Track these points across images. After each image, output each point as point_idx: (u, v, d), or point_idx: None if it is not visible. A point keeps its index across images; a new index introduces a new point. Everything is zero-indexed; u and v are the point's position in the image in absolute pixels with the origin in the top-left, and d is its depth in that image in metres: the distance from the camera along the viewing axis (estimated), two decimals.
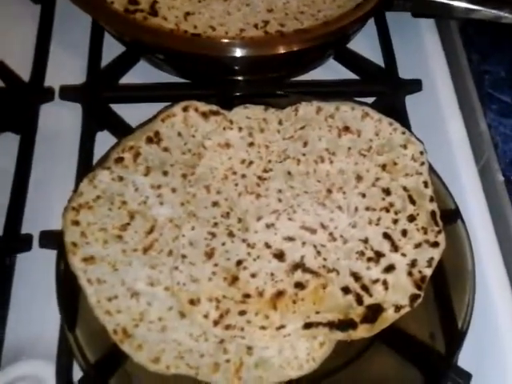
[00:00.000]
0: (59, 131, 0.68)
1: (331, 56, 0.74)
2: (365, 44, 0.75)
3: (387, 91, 0.71)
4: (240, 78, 0.70)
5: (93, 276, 0.52)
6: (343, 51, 0.74)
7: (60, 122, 0.69)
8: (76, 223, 0.54)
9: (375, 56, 0.74)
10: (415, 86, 0.71)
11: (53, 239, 0.57)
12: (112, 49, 0.72)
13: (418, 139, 0.61)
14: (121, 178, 0.57)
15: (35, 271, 0.59)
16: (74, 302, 0.53)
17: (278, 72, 0.72)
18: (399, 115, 0.67)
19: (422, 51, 0.76)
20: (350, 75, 0.74)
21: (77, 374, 0.52)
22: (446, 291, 0.56)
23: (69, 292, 0.53)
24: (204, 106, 0.62)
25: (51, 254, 0.56)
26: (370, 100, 0.70)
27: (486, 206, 0.61)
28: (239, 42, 0.66)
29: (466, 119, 0.68)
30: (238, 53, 0.64)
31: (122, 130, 0.65)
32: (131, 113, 0.67)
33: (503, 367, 0.54)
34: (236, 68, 0.70)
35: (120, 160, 0.58)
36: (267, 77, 0.71)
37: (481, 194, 0.62)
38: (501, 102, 0.67)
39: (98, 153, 0.63)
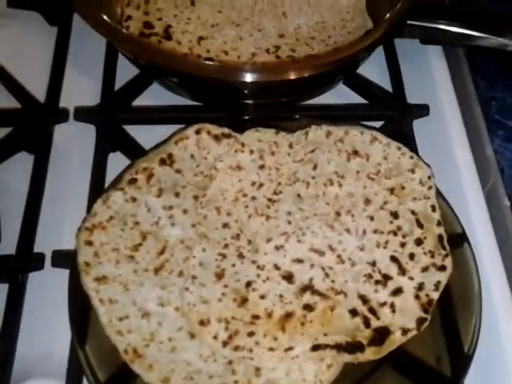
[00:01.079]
0: (73, 151, 0.70)
1: (341, 81, 0.75)
2: (373, 69, 0.76)
3: (395, 115, 0.72)
4: (251, 101, 0.72)
5: (105, 296, 0.52)
6: (352, 76, 0.75)
7: (74, 143, 0.70)
8: (89, 243, 0.55)
9: (383, 81, 0.75)
10: (422, 110, 0.73)
11: (65, 258, 0.58)
12: (126, 71, 0.74)
13: (425, 163, 0.62)
14: (134, 199, 0.58)
15: (47, 290, 0.59)
16: (85, 320, 0.53)
17: (288, 96, 0.74)
18: (407, 139, 0.68)
19: (430, 77, 0.78)
20: (359, 99, 0.75)
21: None
22: (452, 315, 0.56)
23: (80, 310, 0.54)
24: (216, 129, 0.63)
25: (63, 273, 0.57)
26: (378, 124, 0.71)
27: (492, 231, 0.62)
28: (250, 67, 0.68)
29: (473, 144, 0.69)
30: (249, 78, 0.66)
31: (134, 151, 0.67)
32: (144, 134, 0.68)
33: None
34: (247, 92, 0.71)
35: (133, 181, 0.59)
36: (277, 101, 0.73)
37: (487, 219, 0.63)
38: (507, 127, 0.68)
39: (110, 173, 0.64)
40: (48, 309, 0.58)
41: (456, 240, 0.59)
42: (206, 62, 0.69)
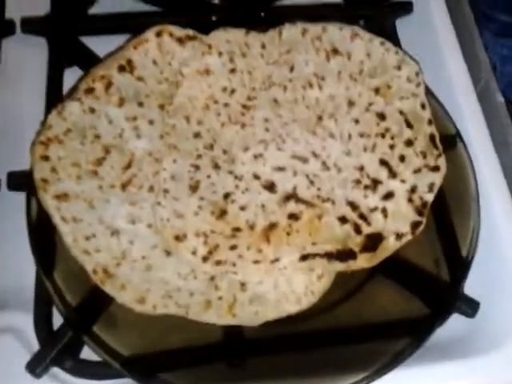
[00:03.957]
0: (23, 68, 0.62)
1: None
2: None
3: (374, 14, 0.66)
4: (216, 1, 0.65)
5: (67, 214, 0.47)
6: None
7: (24, 59, 0.63)
8: (46, 158, 0.49)
9: None
10: (405, 7, 0.67)
11: (22, 180, 0.52)
12: None
13: (412, 59, 0.57)
14: (92, 110, 0.52)
15: (6, 217, 0.53)
16: (49, 244, 0.48)
17: None
18: (390, 41, 0.62)
19: None
20: None
21: (58, 322, 0.47)
22: (448, 218, 0.53)
23: (43, 234, 0.49)
24: (179, 31, 0.56)
25: (22, 198, 0.51)
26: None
27: (487, 129, 0.58)
28: None
29: (462, 41, 0.63)
30: None
31: (94, 64, 0.59)
32: (103, 46, 0.60)
33: (511, 294, 0.51)
34: None
35: (90, 90, 0.53)
36: (246, 2, 0.66)
37: (481, 117, 0.58)
38: (498, 21, 0.63)
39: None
40: (9, 237, 0.53)
41: (449, 140, 0.55)
42: None
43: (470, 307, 0.49)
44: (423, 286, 0.50)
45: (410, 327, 0.48)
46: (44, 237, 0.48)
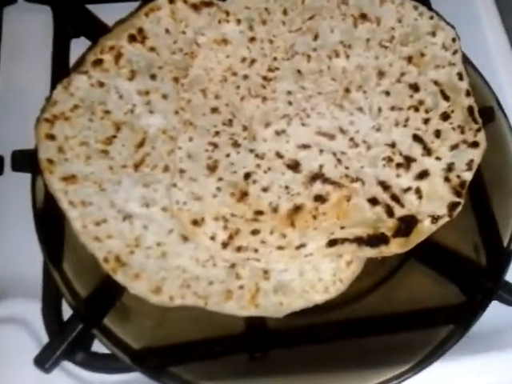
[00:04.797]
0: (27, 39, 0.59)
1: None
2: None
3: None
4: None
5: (76, 198, 0.44)
6: None
7: (27, 29, 0.59)
8: (51, 137, 0.46)
9: None
10: None
11: (28, 160, 0.48)
12: None
13: (448, 24, 0.52)
14: (101, 84, 0.48)
15: (11, 200, 0.51)
16: (57, 231, 0.45)
17: None
18: (420, 1, 0.57)
19: None
20: None
21: (68, 310, 0.44)
22: (486, 198, 0.49)
23: (50, 220, 0.46)
24: None
25: (28, 179, 0.48)
26: None
27: None
28: None
29: (499, 0, 0.58)
30: None
31: (101, 34, 0.55)
32: (112, 15, 0.57)
33: None
34: None
35: (99, 62, 0.49)
36: None
37: None
38: None
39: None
40: (14, 221, 0.50)
41: (488, 112, 0.51)
42: None
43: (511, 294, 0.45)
44: (461, 272, 0.46)
45: (450, 315, 0.45)
46: (51, 223, 0.45)
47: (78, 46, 0.56)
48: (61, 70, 0.55)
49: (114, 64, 0.49)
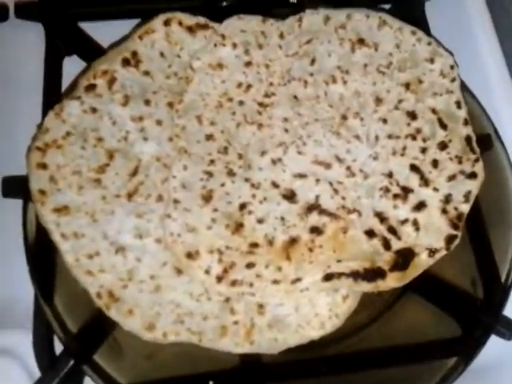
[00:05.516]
0: (18, 57, 0.58)
1: None
2: None
3: None
4: None
5: (68, 229, 0.43)
6: None
7: (18, 47, 0.58)
8: (43, 166, 0.45)
9: None
10: None
11: (18, 186, 0.48)
12: None
13: (446, 50, 0.51)
14: (94, 110, 0.48)
15: (1, 226, 0.49)
16: (49, 263, 0.44)
17: None
18: (417, 26, 0.56)
19: None
20: None
21: (59, 344, 0.44)
22: (483, 231, 0.48)
23: (41, 252, 0.45)
24: (189, 19, 0.52)
25: (19, 205, 0.47)
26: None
27: None
28: None
29: (499, 26, 0.58)
30: None
31: (94, 53, 0.54)
32: (105, 33, 0.56)
33: None
34: None
35: (92, 87, 0.48)
36: None
37: None
38: None
39: (66, 83, 0.53)
40: (4, 248, 0.49)
41: (486, 140, 0.51)
42: None
43: (509, 329, 0.45)
44: (459, 306, 0.46)
45: (448, 349, 0.45)
46: (43, 256, 0.44)
47: (70, 65, 0.56)
48: (53, 90, 0.54)
49: (108, 89, 0.48)
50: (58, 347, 0.44)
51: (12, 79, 0.56)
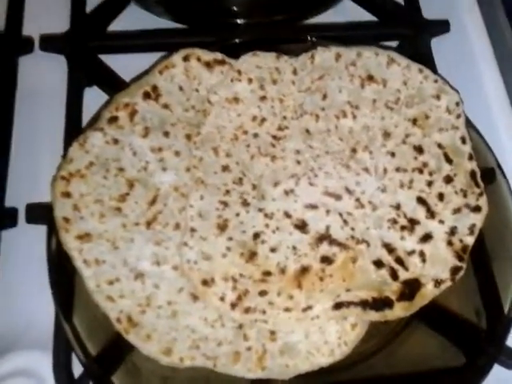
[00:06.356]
0: (42, 88, 0.60)
1: None
2: None
3: (409, 33, 0.63)
4: (242, 20, 0.62)
5: (90, 256, 0.45)
6: None
7: (42, 77, 0.60)
8: (67, 195, 0.47)
9: None
10: (441, 26, 0.64)
11: (41, 213, 0.50)
12: None
13: (452, 88, 0.53)
14: (116, 141, 0.50)
15: (23, 250, 0.52)
16: (70, 286, 0.46)
17: (283, 13, 0.64)
18: (424, 61, 0.59)
19: None
20: (367, 16, 0.65)
21: (78, 367, 0.45)
22: (487, 263, 0.50)
23: (63, 275, 0.47)
24: (207, 55, 0.54)
25: (40, 231, 0.49)
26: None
27: None
28: None
29: (502, 64, 0.60)
30: None
31: (113, 84, 0.57)
32: (123, 65, 0.59)
33: None
34: (236, 9, 0.62)
35: (114, 120, 0.50)
36: (272, 19, 0.63)
37: None
38: None
39: (88, 112, 0.55)
40: (26, 272, 0.51)
41: (489, 174, 0.52)
42: None
43: (511, 359, 0.46)
44: (463, 335, 0.47)
45: (453, 377, 0.46)
46: (65, 277, 0.46)
47: (90, 95, 0.58)
48: (74, 119, 0.56)
49: (129, 121, 0.50)
50: (76, 370, 0.46)
51: (36, 109, 0.58)
